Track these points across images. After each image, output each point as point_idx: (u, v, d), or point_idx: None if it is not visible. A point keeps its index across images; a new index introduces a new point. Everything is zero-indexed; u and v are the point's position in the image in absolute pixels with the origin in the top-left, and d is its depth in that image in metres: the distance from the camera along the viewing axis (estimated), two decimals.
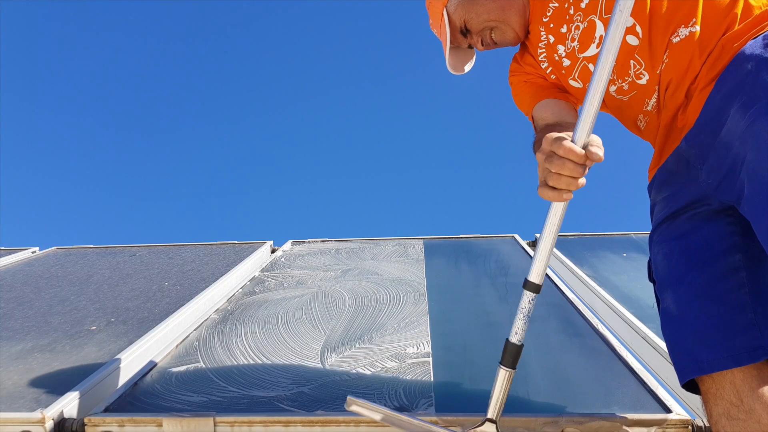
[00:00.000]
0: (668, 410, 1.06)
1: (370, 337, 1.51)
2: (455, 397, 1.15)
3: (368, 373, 1.28)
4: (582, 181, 0.84)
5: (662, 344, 1.35)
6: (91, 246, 2.97)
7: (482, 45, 1.25)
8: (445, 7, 1.23)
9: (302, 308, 1.77)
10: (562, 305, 1.70)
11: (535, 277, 0.93)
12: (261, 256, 2.62)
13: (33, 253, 2.87)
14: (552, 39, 1.16)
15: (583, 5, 1.08)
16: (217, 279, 2.14)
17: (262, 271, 2.29)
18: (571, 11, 1.10)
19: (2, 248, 3.00)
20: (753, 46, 0.92)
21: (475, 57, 1.37)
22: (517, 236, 2.70)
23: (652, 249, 1.08)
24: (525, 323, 0.93)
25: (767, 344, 0.85)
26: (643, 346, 1.42)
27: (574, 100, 1.22)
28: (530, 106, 1.24)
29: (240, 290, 2.02)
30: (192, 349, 1.47)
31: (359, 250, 2.59)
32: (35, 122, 6.01)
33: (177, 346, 1.49)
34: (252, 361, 1.37)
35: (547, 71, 1.20)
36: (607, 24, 1.06)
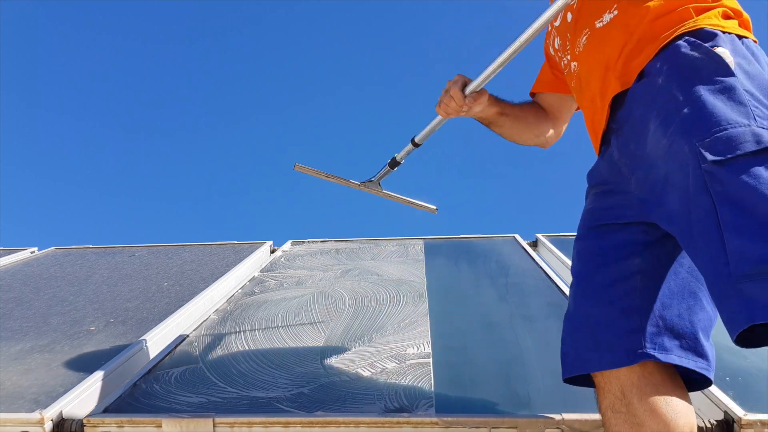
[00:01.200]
0: None
1: (370, 337, 1.50)
2: (455, 397, 1.15)
3: (368, 373, 1.28)
4: (461, 111, 1.24)
5: None
6: (90, 246, 2.96)
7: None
8: None
9: (302, 309, 1.77)
10: (562, 305, 1.69)
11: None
12: (260, 257, 2.62)
13: (32, 253, 2.87)
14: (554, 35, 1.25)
15: None
16: (216, 279, 2.14)
17: (261, 271, 2.29)
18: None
19: (1, 248, 3.00)
20: (666, 56, 0.94)
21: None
22: (517, 236, 2.70)
23: (575, 243, 1.11)
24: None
25: (646, 348, 0.91)
26: None
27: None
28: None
29: (239, 291, 2.01)
30: (191, 349, 1.47)
31: (359, 250, 2.59)
32: (35, 123, 6.01)
33: (176, 346, 1.49)
34: (251, 362, 1.36)
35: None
36: (565, 13, 1.17)
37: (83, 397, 1.21)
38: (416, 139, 1.40)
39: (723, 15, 0.99)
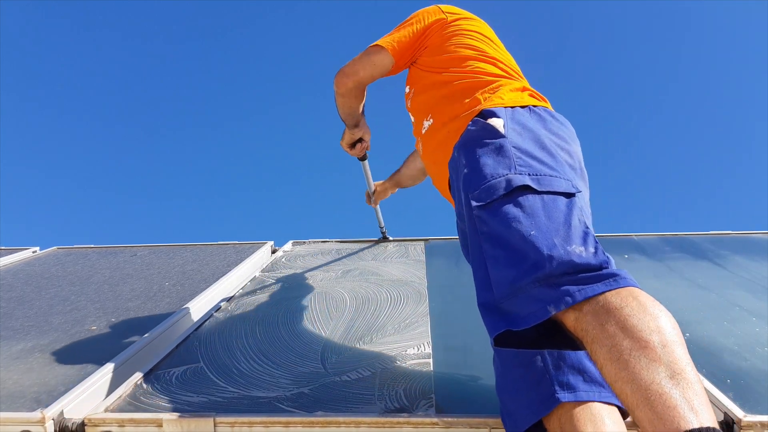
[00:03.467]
0: None
1: (370, 338, 1.50)
2: (456, 398, 1.15)
3: (369, 373, 1.28)
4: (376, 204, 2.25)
5: None
6: (92, 246, 2.97)
7: None
8: None
9: (303, 309, 1.77)
10: None
11: None
12: (261, 257, 2.62)
13: (33, 252, 2.88)
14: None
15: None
16: (217, 279, 2.14)
17: (262, 271, 2.29)
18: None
19: (3, 248, 3.00)
20: (461, 139, 1.25)
21: None
22: None
23: None
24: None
25: (559, 388, 0.91)
26: None
27: None
28: None
29: (240, 290, 2.02)
30: (192, 349, 1.47)
31: (360, 250, 2.59)
32: (36, 122, 6.01)
33: (177, 346, 1.49)
34: (252, 362, 1.37)
35: None
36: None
37: (84, 396, 1.21)
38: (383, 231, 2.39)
39: (511, 91, 1.32)
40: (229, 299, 1.91)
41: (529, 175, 1.03)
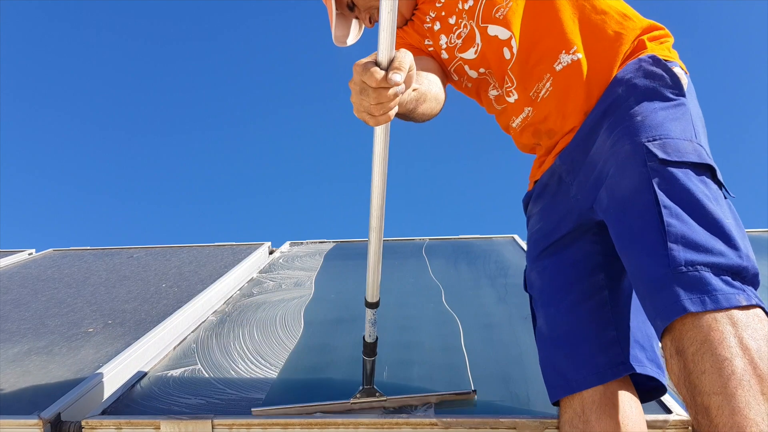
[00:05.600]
0: (668, 411, 1.06)
1: None
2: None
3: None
4: (394, 97, 0.75)
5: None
6: (88, 248, 2.96)
7: (370, 22, 1.20)
8: None
9: (300, 310, 1.76)
10: None
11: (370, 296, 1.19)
12: (259, 258, 2.61)
13: (29, 255, 2.86)
14: (438, 26, 1.12)
15: (466, 6, 1.07)
16: (214, 281, 2.14)
17: (260, 272, 2.28)
18: (460, 6, 1.08)
19: None
20: (626, 71, 0.99)
21: (362, 30, 1.28)
22: (516, 236, 2.70)
23: (528, 263, 1.12)
24: (372, 326, 1.15)
25: (628, 360, 0.91)
26: None
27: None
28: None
29: (238, 292, 2.01)
30: (189, 351, 1.46)
31: (359, 250, 2.59)
32: (33, 123, 6.00)
33: (174, 348, 1.48)
34: (250, 363, 1.36)
35: (429, 49, 1.17)
36: (483, 33, 1.07)
37: (81, 399, 1.20)
38: None
39: (670, 49, 1.05)
40: (226, 301, 1.90)
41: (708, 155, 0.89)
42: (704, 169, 0.86)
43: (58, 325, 1.72)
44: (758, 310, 0.75)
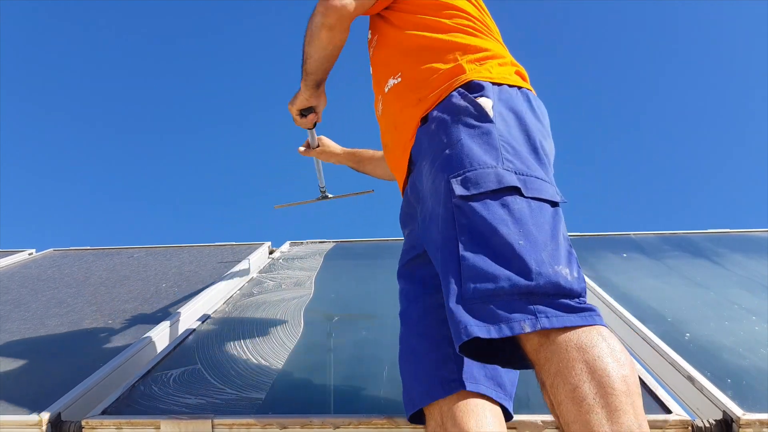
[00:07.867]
0: (668, 411, 1.06)
1: (371, 337, 1.50)
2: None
3: (368, 374, 1.27)
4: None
5: (662, 344, 1.34)
6: (89, 248, 2.96)
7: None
8: None
9: (300, 310, 1.77)
10: None
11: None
12: (259, 258, 2.61)
13: (30, 254, 2.86)
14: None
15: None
16: (214, 281, 2.14)
17: (260, 272, 2.28)
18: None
19: None
20: (438, 108, 1.09)
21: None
22: None
23: (399, 265, 1.20)
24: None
25: (461, 377, 0.93)
26: (642, 346, 1.42)
27: None
28: None
29: (238, 292, 2.01)
30: (190, 351, 1.47)
31: (358, 250, 2.59)
32: (33, 123, 6.00)
33: (175, 348, 1.48)
34: (250, 363, 1.36)
35: None
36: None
37: (81, 399, 1.20)
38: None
39: (499, 65, 1.15)
40: (226, 301, 1.90)
41: (516, 174, 0.95)
42: (507, 192, 0.92)
43: (58, 324, 1.72)
44: (544, 329, 0.81)
